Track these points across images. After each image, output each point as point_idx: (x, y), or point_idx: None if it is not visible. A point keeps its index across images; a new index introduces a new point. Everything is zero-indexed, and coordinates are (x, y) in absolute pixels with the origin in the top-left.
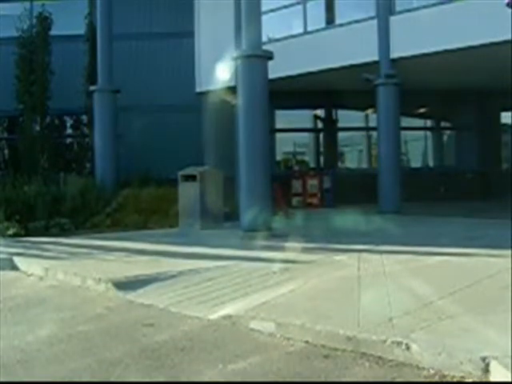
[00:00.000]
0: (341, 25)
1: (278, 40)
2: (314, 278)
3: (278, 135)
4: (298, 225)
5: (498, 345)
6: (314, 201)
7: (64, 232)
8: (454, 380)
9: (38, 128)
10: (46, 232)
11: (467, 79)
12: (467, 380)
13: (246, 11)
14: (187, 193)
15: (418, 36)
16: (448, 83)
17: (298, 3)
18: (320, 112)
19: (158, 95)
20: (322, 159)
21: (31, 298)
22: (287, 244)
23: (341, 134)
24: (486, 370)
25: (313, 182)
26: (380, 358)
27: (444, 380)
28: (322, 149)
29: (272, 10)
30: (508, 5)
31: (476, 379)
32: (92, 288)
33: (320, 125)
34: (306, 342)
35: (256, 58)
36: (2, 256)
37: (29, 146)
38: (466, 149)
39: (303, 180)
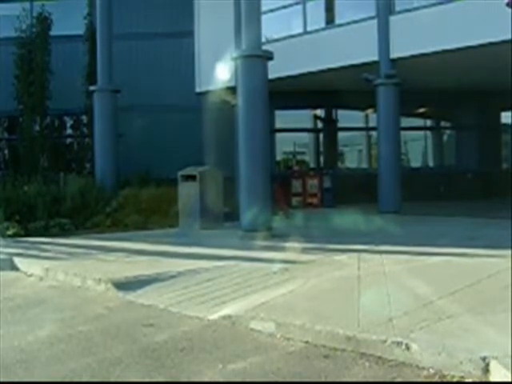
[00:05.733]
0: (340, 25)
1: (277, 40)
2: (313, 278)
3: (278, 135)
4: (298, 225)
5: (497, 345)
6: (314, 201)
7: (64, 232)
8: (454, 380)
9: (37, 128)
10: (45, 232)
11: (467, 79)
12: (467, 380)
13: (246, 11)
14: (187, 193)
15: (417, 36)
16: (448, 83)
17: (298, 3)
18: (320, 112)
19: (158, 95)
20: (322, 159)
21: (31, 299)
22: (287, 244)
23: (341, 134)
24: (486, 370)
25: (313, 182)
26: (380, 357)
27: (444, 380)
28: (321, 149)
29: (271, 10)
30: (508, 5)
31: (476, 379)
32: (92, 288)
33: (320, 125)
34: (306, 342)
35: (256, 58)
36: (2, 256)
37: (29, 146)
38: (466, 149)
39: (303, 180)
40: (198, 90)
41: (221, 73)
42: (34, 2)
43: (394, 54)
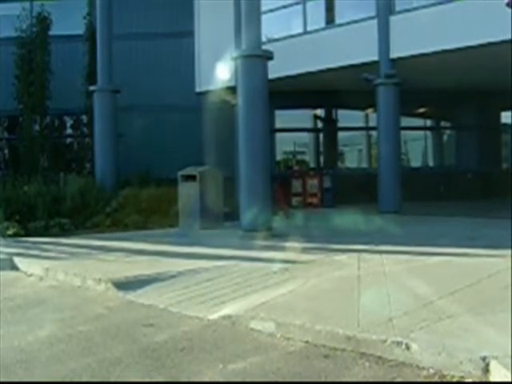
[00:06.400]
0: (340, 25)
1: (277, 40)
2: (313, 277)
3: (278, 135)
4: (298, 225)
5: (497, 345)
6: (314, 201)
7: (64, 232)
8: (454, 380)
9: (37, 128)
10: (45, 232)
11: (467, 79)
12: (467, 380)
13: (246, 11)
14: (187, 193)
15: (417, 36)
16: (448, 83)
17: (298, 3)
18: (320, 112)
19: (158, 95)
20: (322, 159)
21: (31, 298)
22: (287, 244)
23: (341, 134)
24: (486, 370)
25: (313, 182)
26: (380, 357)
27: (444, 380)
28: (322, 149)
29: (271, 10)
30: (508, 5)
31: (476, 379)
32: (92, 288)
33: (320, 125)
34: (306, 341)
35: (256, 57)
36: (2, 256)
37: (29, 145)
38: (466, 149)
39: (303, 180)
40: (197, 89)
41: (221, 73)
42: (33, 2)
43: (393, 54)
